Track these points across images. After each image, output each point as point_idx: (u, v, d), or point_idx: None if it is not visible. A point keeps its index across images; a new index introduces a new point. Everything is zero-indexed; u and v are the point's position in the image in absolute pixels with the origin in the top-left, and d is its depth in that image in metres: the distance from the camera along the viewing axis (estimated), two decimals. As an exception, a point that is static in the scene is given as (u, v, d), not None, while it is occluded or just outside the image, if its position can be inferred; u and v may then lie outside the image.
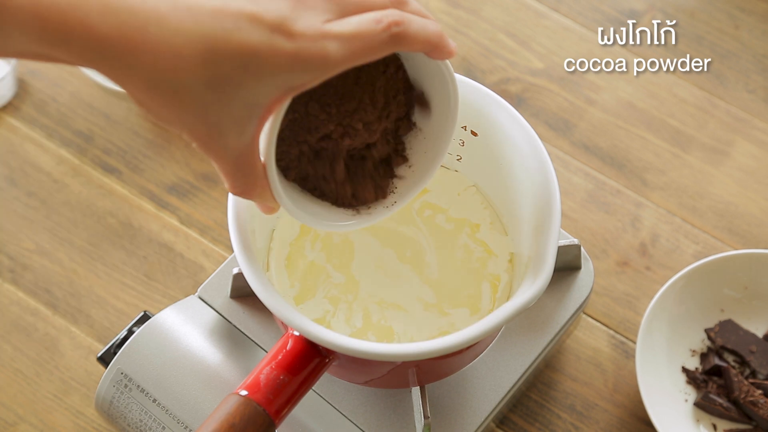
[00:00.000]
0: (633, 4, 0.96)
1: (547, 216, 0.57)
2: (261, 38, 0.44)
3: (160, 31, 0.43)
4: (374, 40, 0.47)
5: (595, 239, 0.84)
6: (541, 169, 0.59)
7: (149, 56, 0.43)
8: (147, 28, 0.42)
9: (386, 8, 0.48)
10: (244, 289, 0.69)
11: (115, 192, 0.86)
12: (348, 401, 0.66)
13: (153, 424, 0.65)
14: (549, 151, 0.82)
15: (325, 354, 0.57)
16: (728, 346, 0.77)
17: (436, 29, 0.49)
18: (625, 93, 0.91)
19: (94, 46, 0.42)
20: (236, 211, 0.57)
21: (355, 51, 0.46)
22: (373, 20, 0.47)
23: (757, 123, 0.90)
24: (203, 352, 0.67)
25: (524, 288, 0.55)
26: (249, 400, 0.53)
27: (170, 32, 0.43)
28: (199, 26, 0.43)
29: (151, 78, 0.43)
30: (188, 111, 0.45)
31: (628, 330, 0.80)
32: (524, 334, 0.69)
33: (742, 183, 0.87)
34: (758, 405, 0.73)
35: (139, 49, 0.43)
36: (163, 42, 0.43)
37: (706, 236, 0.84)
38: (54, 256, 0.83)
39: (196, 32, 0.43)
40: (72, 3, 0.42)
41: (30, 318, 0.81)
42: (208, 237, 0.84)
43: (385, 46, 0.47)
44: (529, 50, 0.94)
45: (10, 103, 0.91)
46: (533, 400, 0.77)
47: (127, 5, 0.42)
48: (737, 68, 0.93)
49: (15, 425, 0.77)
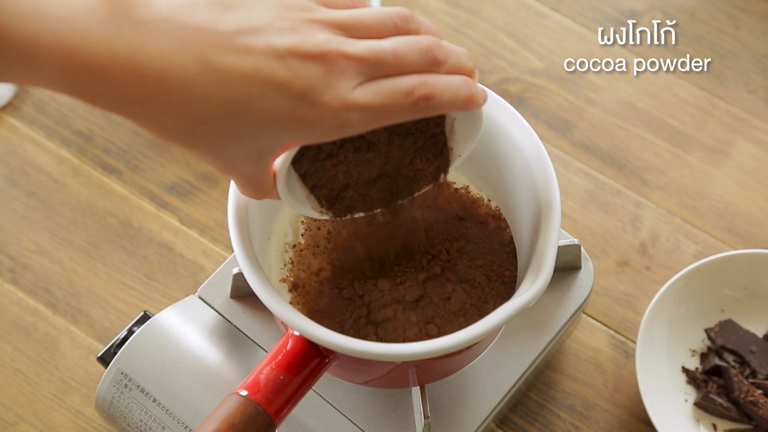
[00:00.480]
0: (633, 4, 0.96)
1: (547, 216, 0.57)
2: (285, 107, 0.45)
3: (185, 94, 0.43)
4: (400, 111, 0.47)
5: (595, 239, 0.84)
6: (541, 169, 0.59)
7: (171, 114, 0.44)
8: (173, 92, 0.43)
9: (422, 72, 0.47)
10: (244, 289, 0.69)
11: (115, 192, 0.86)
12: (348, 401, 0.66)
13: (153, 424, 0.65)
14: (549, 151, 0.82)
15: (325, 354, 0.56)
16: (728, 346, 0.77)
17: (466, 92, 0.48)
18: (625, 93, 0.91)
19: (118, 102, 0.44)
20: (236, 211, 0.57)
21: (378, 119, 0.47)
22: (403, 92, 0.46)
23: (757, 123, 0.90)
24: (203, 352, 0.67)
25: (524, 288, 0.55)
26: (249, 400, 0.53)
27: (195, 96, 0.44)
28: (224, 92, 0.44)
29: (171, 131, 0.45)
30: (205, 153, 0.47)
31: (628, 330, 0.80)
32: (524, 334, 0.69)
33: (742, 183, 0.87)
34: (758, 405, 0.73)
35: (163, 109, 0.44)
36: (186, 103, 0.44)
37: (706, 236, 0.84)
38: (54, 256, 0.83)
39: (220, 97, 0.44)
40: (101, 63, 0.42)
41: (30, 318, 0.81)
42: (208, 237, 0.84)
43: (409, 115, 0.47)
44: (529, 50, 0.94)
45: (10, 103, 0.91)
46: (533, 400, 0.77)
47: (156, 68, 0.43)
48: (737, 68, 0.93)
49: (15, 425, 0.77)
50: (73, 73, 0.43)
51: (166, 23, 0.43)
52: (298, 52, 0.45)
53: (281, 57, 0.44)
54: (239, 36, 0.44)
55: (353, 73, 0.46)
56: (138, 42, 0.43)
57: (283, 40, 0.45)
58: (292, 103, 0.45)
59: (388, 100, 0.46)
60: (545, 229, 0.56)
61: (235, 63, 0.44)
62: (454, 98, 0.48)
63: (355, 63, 0.46)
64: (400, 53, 0.47)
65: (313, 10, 0.47)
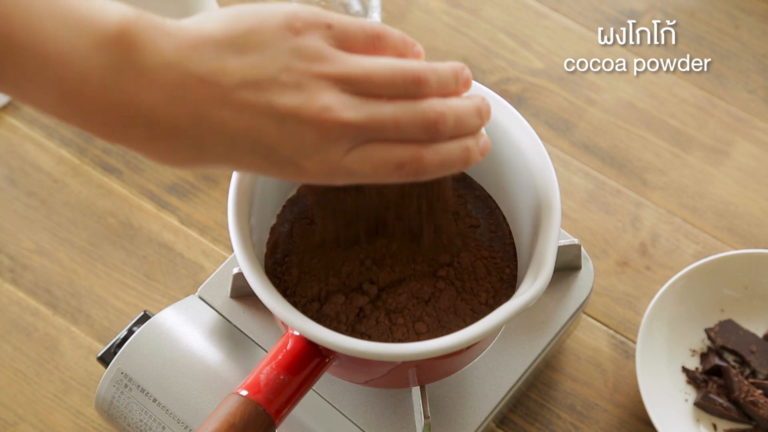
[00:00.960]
0: (633, 4, 0.96)
1: (547, 216, 0.57)
2: (270, 164, 0.45)
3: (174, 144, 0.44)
4: (387, 177, 0.46)
5: (595, 239, 0.84)
6: (541, 169, 0.59)
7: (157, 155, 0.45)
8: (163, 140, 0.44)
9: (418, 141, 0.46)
10: (244, 289, 0.69)
11: (115, 192, 0.86)
12: (348, 401, 0.66)
13: (153, 424, 0.65)
14: (549, 151, 0.82)
15: (325, 354, 0.56)
16: (728, 346, 0.77)
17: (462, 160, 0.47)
18: (625, 93, 0.91)
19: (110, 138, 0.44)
20: (236, 211, 0.57)
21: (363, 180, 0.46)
22: (394, 164, 0.46)
23: (757, 123, 0.90)
24: (203, 352, 0.67)
25: (524, 288, 0.55)
26: (249, 400, 0.53)
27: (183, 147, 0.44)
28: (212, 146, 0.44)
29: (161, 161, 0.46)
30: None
31: (628, 330, 0.80)
32: (524, 334, 0.69)
33: (742, 183, 0.87)
34: (758, 405, 0.73)
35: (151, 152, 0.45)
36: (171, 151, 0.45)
37: (706, 236, 0.84)
38: (54, 256, 0.83)
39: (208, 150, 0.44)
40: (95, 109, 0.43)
41: (30, 318, 0.81)
42: (208, 237, 0.84)
43: (396, 180, 0.47)
44: (529, 50, 0.94)
45: (10, 103, 0.91)
46: (533, 400, 0.77)
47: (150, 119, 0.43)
48: (737, 68, 0.93)
49: (15, 425, 0.77)
50: (66, 111, 0.43)
51: (168, 71, 0.42)
52: (297, 116, 0.44)
53: (279, 118, 0.44)
54: (240, 90, 0.43)
55: (349, 138, 0.45)
56: (135, 92, 0.42)
57: (284, 100, 0.44)
58: (279, 161, 0.45)
59: (377, 169, 0.46)
60: (545, 229, 0.56)
61: (230, 119, 0.43)
62: (447, 168, 0.47)
63: (353, 130, 0.44)
64: (401, 124, 0.45)
65: (325, 60, 0.45)
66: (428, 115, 0.46)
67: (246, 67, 0.43)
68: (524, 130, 0.60)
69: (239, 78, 0.43)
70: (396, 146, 0.46)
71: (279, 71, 0.44)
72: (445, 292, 0.60)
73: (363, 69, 0.45)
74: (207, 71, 0.43)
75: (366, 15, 0.90)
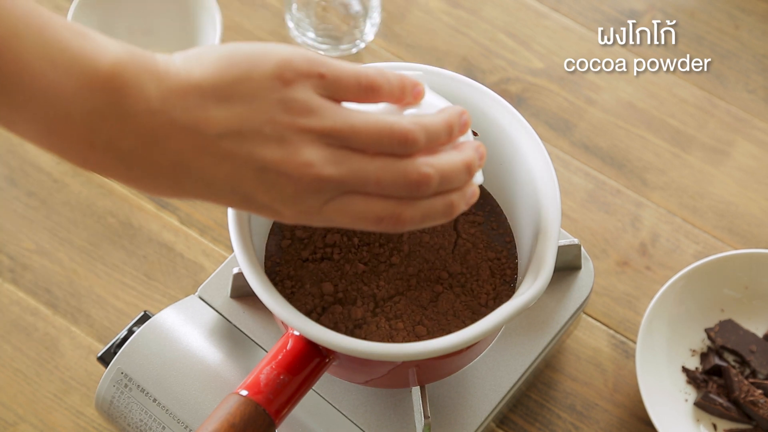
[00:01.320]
0: (633, 4, 0.96)
1: (547, 216, 0.57)
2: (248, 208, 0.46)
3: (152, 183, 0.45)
4: (364, 227, 0.46)
5: (595, 239, 0.84)
6: (541, 168, 0.59)
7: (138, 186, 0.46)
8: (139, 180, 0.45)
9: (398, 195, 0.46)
10: (244, 289, 0.69)
11: (115, 192, 0.86)
12: (348, 401, 0.66)
13: (153, 424, 0.65)
14: (549, 151, 0.82)
15: (325, 354, 0.56)
16: (728, 345, 0.77)
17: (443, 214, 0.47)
18: (625, 93, 0.91)
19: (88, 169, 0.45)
20: (236, 211, 0.57)
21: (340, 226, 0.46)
22: (374, 219, 0.46)
23: (757, 123, 0.90)
24: (203, 352, 0.67)
25: (524, 288, 0.55)
26: (249, 400, 0.53)
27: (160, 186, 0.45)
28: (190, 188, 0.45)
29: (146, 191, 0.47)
30: None
31: (628, 330, 0.80)
32: (524, 334, 0.69)
33: (742, 183, 0.87)
34: (758, 405, 0.73)
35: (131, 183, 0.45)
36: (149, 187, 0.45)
37: (706, 236, 0.84)
38: (54, 256, 0.83)
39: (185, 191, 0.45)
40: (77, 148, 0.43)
41: (30, 318, 0.81)
42: (208, 237, 0.84)
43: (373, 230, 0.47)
44: (529, 50, 0.94)
45: (10, 103, 0.91)
46: (533, 400, 0.77)
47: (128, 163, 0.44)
48: (737, 68, 0.93)
49: (15, 425, 0.77)
50: (47, 144, 0.43)
51: (152, 118, 0.42)
52: (277, 170, 0.43)
53: (259, 170, 0.44)
54: (222, 140, 0.43)
55: (328, 190, 0.45)
56: (117, 137, 0.42)
57: (265, 153, 0.43)
58: (257, 206, 0.45)
59: (355, 221, 0.46)
60: (545, 228, 0.56)
61: (210, 167, 0.43)
62: (428, 221, 0.47)
63: (333, 183, 0.44)
64: (383, 182, 0.45)
65: (312, 114, 0.44)
66: (411, 176, 0.45)
67: (231, 117, 0.43)
68: (524, 130, 0.60)
69: (223, 128, 0.43)
70: (376, 201, 0.46)
71: (263, 123, 0.43)
72: (444, 295, 0.60)
73: (350, 124, 0.45)
74: (190, 120, 0.43)
75: (366, 15, 0.90)
